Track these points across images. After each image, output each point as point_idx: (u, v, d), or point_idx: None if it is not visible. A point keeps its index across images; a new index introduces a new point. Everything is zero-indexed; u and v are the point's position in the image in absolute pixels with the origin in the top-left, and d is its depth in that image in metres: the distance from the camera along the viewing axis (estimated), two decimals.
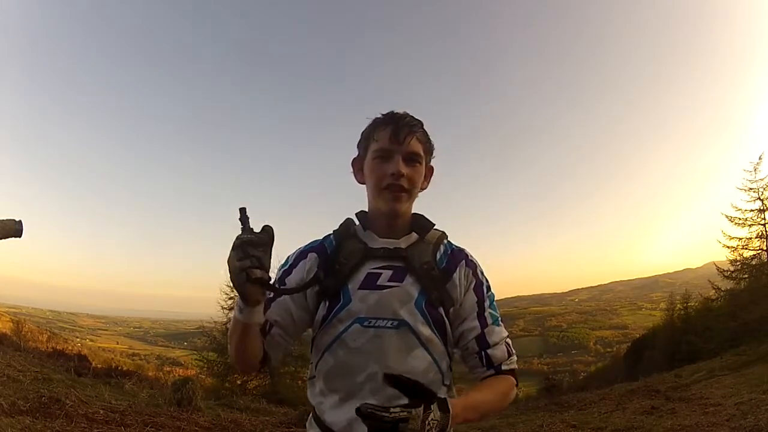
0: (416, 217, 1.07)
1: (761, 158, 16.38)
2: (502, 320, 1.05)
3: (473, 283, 1.04)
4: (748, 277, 16.08)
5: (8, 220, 2.63)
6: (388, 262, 1.00)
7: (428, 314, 0.97)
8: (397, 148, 0.99)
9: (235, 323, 0.90)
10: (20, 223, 2.65)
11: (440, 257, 1.04)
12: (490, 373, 1.00)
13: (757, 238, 16.38)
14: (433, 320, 0.97)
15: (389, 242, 1.02)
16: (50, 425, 3.50)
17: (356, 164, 1.09)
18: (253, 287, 0.81)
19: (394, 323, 0.95)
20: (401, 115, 1.03)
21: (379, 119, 1.04)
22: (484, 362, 1.00)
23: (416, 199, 1.05)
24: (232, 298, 12.12)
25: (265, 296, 0.88)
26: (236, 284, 0.80)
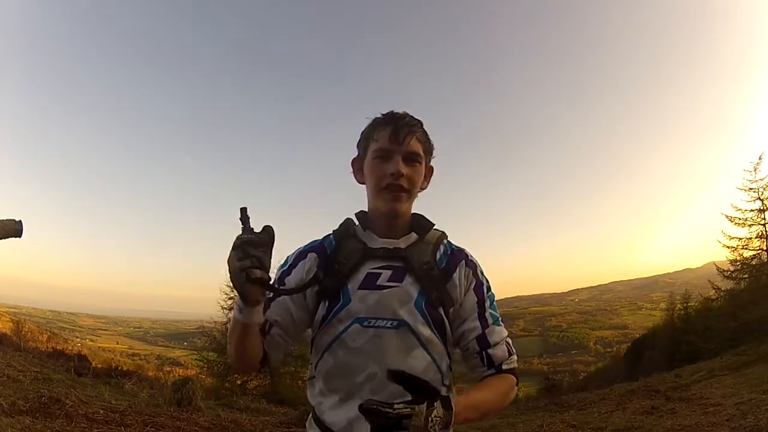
0: (416, 217, 1.07)
1: (761, 158, 16.40)
2: (502, 320, 1.06)
3: (473, 283, 1.04)
4: (748, 277, 16.08)
5: (8, 220, 2.63)
6: (387, 262, 1.00)
7: (428, 314, 0.97)
8: (396, 148, 0.99)
9: (234, 323, 0.90)
10: (20, 223, 2.65)
11: (440, 257, 1.04)
12: (490, 372, 1.01)
13: (757, 238, 16.39)
14: (432, 320, 0.97)
15: (389, 242, 1.02)
16: (50, 425, 3.50)
17: (356, 164, 1.09)
18: (253, 287, 0.81)
19: (393, 323, 0.95)
20: (401, 115, 1.03)
21: (378, 119, 1.04)
22: (485, 362, 1.01)
23: (416, 199, 1.05)
24: (232, 298, 12.12)
25: (264, 296, 0.88)
26: (236, 284, 0.80)
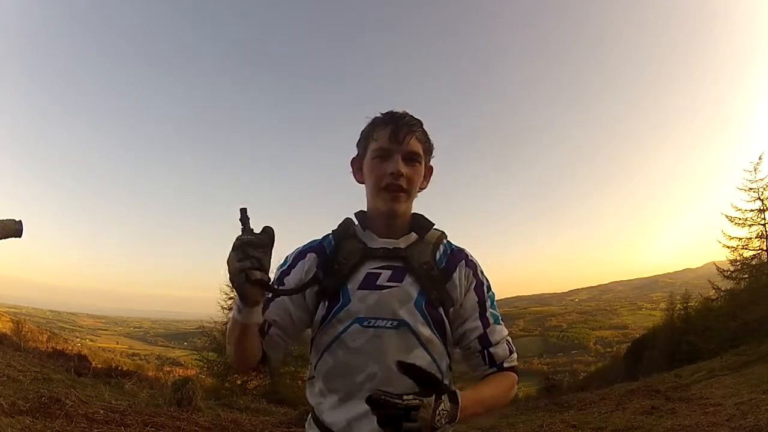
0: (416, 217, 1.07)
1: (761, 158, 16.40)
2: (501, 319, 1.06)
3: (474, 283, 1.04)
4: (748, 277, 16.08)
5: (8, 220, 2.63)
6: (387, 262, 1.00)
7: (428, 314, 0.97)
8: (396, 147, 0.99)
9: (233, 323, 0.90)
10: (20, 223, 2.65)
11: (440, 257, 1.04)
12: (492, 370, 1.01)
13: (757, 238, 16.38)
14: (432, 320, 0.97)
15: (388, 242, 1.02)
16: (50, 425, 3.50)
17: (355, 164, 1.09)
18: (252, 288, 0.80)
19: (393, 323, 0.95)
20: (401, 114, 1.03)
21: (378, 119, 1.03)
22: (486, 360, 1.01)
23: (416, 198, 1.05)
24: (232, 298, 12.13)
25: (264, 297, 0.88)
26: (236, 285, 0.80)
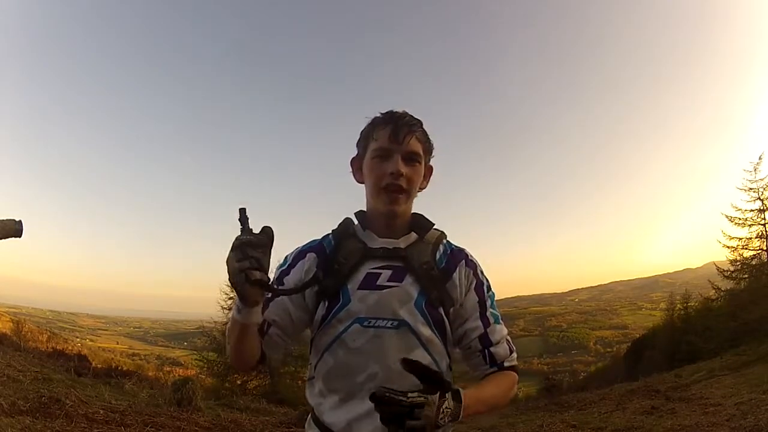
0: (416, 216, 1.07)
1: (761, 158, 16.39)
2: (501, 318, 1.06)
3: (474, 283, 1.04)
4: (748, 277, 16.07)
5: (8, 220, 2.64)
6: (387, 262, 1.00)
7: (428, 314, 0.97)
8: (396, 147, 0.99)
9: (233, 323, 0.89)
10: (20, 223, 2.65)
11: (440, 257, 1.04)
12: (493, 370, 1.01)
13: (757, 238, 16.38)
14: (433, 320, 0.97)
15: (388, 242, 1.02)
16: (50, 425, 3.50)
17: (355, 163, 1.09)
18: (251, 288, 0.80)
19: (393, 323, 0.95)
20: (400, 114, 1.02)
21: (378, 118, 1.03)
22: (487, 360, 1.01)
23: (416, 198, 1.05)
24: (231, 298, 12.13)
25: (263, 297, 0.87)
26: (235, 285, 0.80)
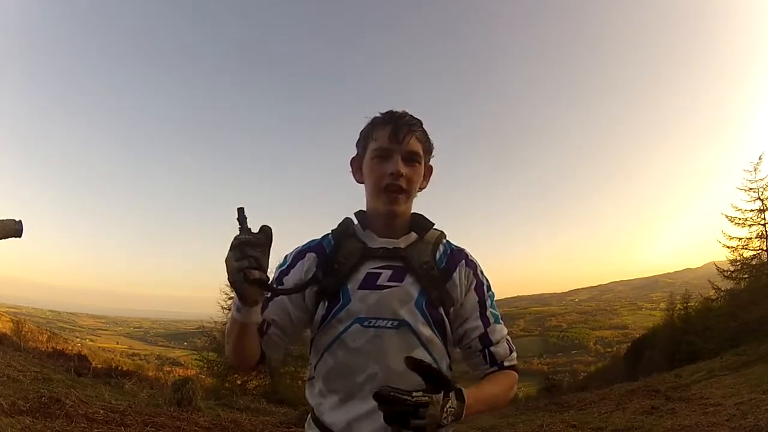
0: (415, 216, 1.07)
1: (761, 158, 16.42)
2: (501, 318, 1.06)
3: (474, 282, 1.04)
4: (748, 277, 16.08)
5: (8, 220, 2.64)
6: (387, 261, 1.00)
7: (428, 314, 0.97)
8: (396, 147, 0.99)
9: (232, 322, 0.89)
10: (20, 223, 2.66)
11: (440, 257, 1.04)
12: (493, 369, 1.02)
13: (757, 238, 16.39)
14: (433, 320, 0.97)
15: (388, 242, 1.02)
16: (50, 425, 3.50)
17: (355, 163, 1.08)
18: (251, 287, 0.80)
19: (394, 323, 0.95)
20: (400, 114, 1.02)
21: (378, 118, 1.03)
22: (487, 359, 1.02)
23: (416, 198, 1.05)
24: (231, 298, 12.07)
25: (263, 296, 0.87)
26: (234, 285, 0.80)
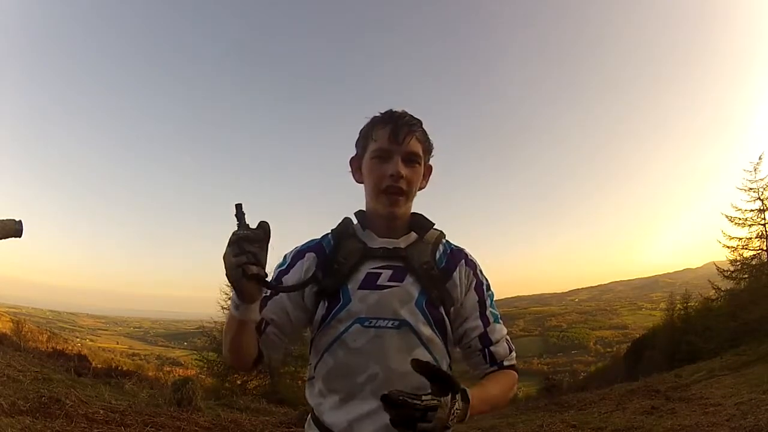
0: (415, 216, 1.06)
1: (761, 158, 16.42)
2: (500, 318, 1.06)
3: (474, 282, 1.04)
4: (748, 277, 16.08)
5: (8, 220, 2.64)
6: (387, 261, 1.00)
7: (429, 314, 0.97)
8: (396, 148, 0.98)
9: (230, 320, 0.89)
10: (20, 223, 2.66)
11: (439, 257, 1.03)
12: (493, 369, 1.02)
13: (757, 238, 16.39)
14: (433, 320, 0.97)
15: (388, 242, 1.02)
16: (50, 425, 3.50)
17: (354, 163, 1.08)
18: (249, 283, 0.80)
19: (395, 323, 0.94)
20: (400, 114, 1.02)
21: (377, 118, 1.02)
22: (487, 359, 1.01)
23: (415, 198, 1.05)
24: (231, 297, 12.15)
25: (261, 293, 0.87)
26: (232, 280, 0.79)
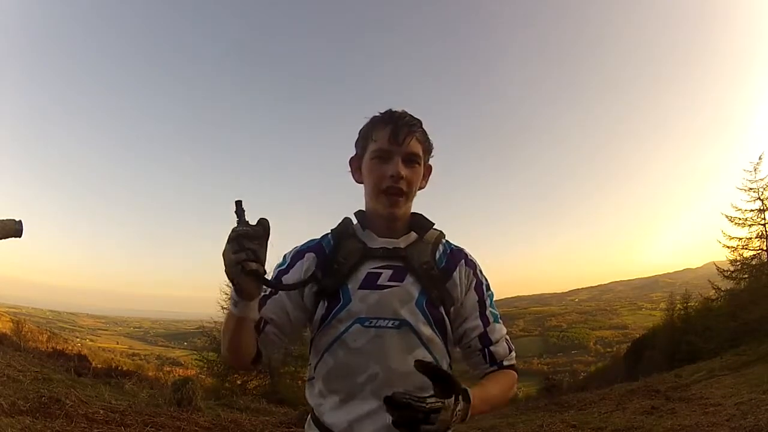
0: (415, 216, 1.06)
1: (761, 158, 16.44)
2: (500, 318, 1.06)
3: (474, 282, 1.04)
4: (748, 277, 16.09)
5: (8, 220, 2.64)
6: (387, 261, 0.99)
7: (429, 314, 0.97)
8: (396, 149, 0.98)
9: (229, 317, 0.89)
10: (20, 223, 2.66)
11: (439, 257, 1.03)
12: (493, 369, 1.02)
13: (757, 238, 16.40)
14: (434, 320, 0.97)
15: (388, 242, 1.01)
16: (50, 425, 3.50)
17: (354, 163, 1.08)
18: (248, 280, 0.80)
19: (395, 323, 0.94)
20: (400, 114, 1.01)
21: (377, 118, 1.02)
22: (487, 359, 1.02)
23: (415, 198, 1.05)
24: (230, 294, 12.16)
25: (260, 290, 0.87)
26: (231, 277, 0.79)
